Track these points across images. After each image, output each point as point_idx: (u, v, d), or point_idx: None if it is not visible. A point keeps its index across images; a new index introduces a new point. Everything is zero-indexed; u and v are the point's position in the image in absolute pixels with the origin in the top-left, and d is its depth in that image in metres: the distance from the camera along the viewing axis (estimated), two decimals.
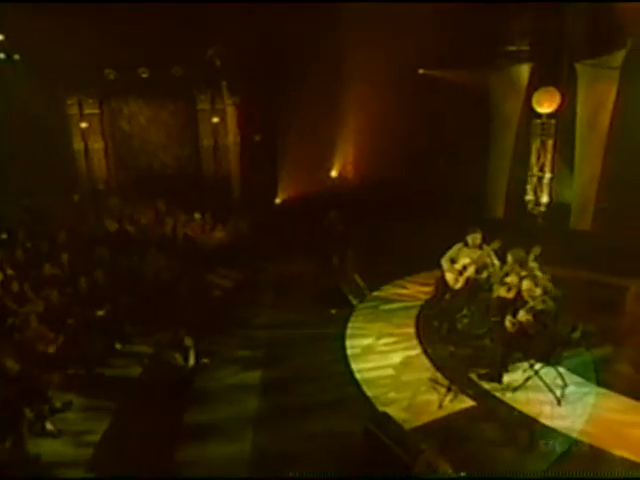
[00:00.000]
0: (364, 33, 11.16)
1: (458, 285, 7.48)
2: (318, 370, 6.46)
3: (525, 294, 5.97)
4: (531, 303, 5.75)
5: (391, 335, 7.37)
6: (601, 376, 5.98)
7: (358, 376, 6.29)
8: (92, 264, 8.44)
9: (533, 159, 11.81)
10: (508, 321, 5.90)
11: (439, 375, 6.18)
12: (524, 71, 11.33)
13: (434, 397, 5.74)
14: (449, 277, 7.59)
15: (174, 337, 6.35)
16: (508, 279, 6.76)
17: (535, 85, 11.21)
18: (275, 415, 5.58)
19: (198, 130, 13.59)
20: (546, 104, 11.07)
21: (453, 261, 7.67)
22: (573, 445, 4.91)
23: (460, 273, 7.49)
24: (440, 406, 5.57)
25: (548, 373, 5.75)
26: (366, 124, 12.80)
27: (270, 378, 6.32)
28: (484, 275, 7.49)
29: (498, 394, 5.79)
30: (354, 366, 6.53)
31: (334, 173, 13.95)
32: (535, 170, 11.87)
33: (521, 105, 11.51)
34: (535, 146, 11.70)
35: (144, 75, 12.42)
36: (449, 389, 5.77)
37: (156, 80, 12.49)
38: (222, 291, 9.30)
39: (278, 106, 12.78)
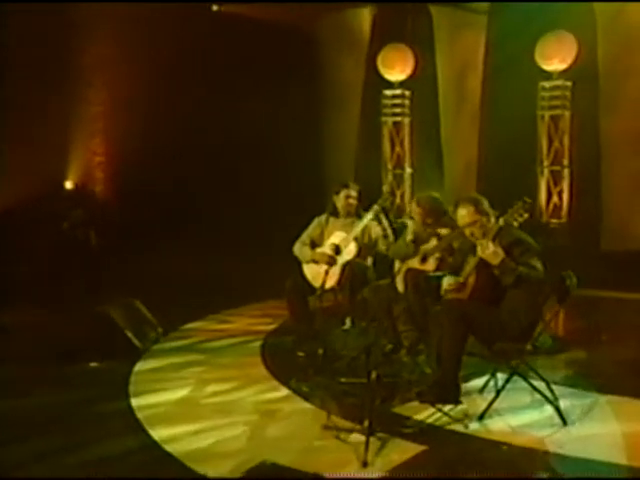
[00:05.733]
0: None
1: (331, 281, 5.78)
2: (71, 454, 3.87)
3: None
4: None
5: (224, 380, 5.20)
6: (596, 382, 4.93)
7: (171, 449, 3.88)
8: None
9: (386, 148, 11.11)
10: (447, 285, 4.50)
11: (337, 420, 4.17)
12: (364, 18, 10.85)
13: (344, 454, 3.71)
14: (312, 272, 5.91)
15: None
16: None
17: (381, 41, 10.72)
18: None
19: None
20: (397, 68, 10.56)
21: (314, 245, 6.08)
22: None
23: (332, 260, 5.82)
24: (365, 464, 3.55)
25: (519, 387, 4.34)
26: (120, 108, 11.41)
27: None
28: (369, 259, 6.02)
29: (458, 427, 4.07)
30: (156, 435, 4.10)
31: (69, 184, 11.78)
32: (390, 165, 11.18)
33: (364, 69, 10.94)
34: (387, 129, 11.06)
35: None
36: (370, 433, 3.78)
37: None
38: None
39: None
